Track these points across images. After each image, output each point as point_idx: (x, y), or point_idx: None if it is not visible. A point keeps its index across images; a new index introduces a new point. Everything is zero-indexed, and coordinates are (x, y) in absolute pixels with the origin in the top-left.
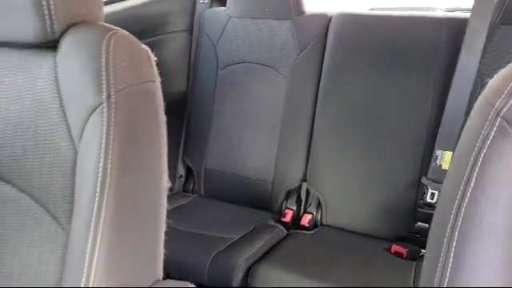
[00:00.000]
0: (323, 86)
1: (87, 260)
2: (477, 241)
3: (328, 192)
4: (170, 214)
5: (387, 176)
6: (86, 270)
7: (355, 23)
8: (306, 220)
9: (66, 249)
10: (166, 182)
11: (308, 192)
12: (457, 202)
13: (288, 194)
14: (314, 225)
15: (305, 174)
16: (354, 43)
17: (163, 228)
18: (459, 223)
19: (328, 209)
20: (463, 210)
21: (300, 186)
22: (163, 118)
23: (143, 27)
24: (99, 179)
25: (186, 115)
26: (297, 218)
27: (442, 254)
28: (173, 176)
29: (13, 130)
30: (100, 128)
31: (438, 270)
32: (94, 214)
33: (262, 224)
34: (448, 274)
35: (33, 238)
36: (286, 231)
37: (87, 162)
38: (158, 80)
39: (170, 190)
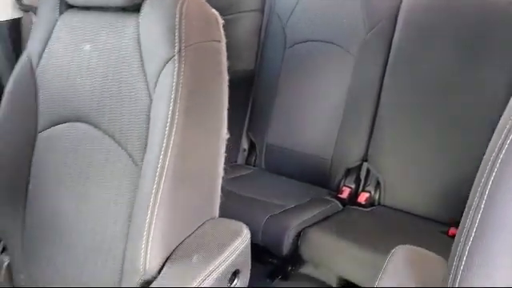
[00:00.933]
0: (391, 66)
1: (154, 190)
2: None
3: (388, 173)
4: (232, 181)
5: (451, 161)
6: (152, 197)
7: (428, 3)
8: (363, 198)
9: (139, 181)
10: (224, 133)
11: (368, 172)
12: (478, 189)
13: (347, 173)
14: (371, 204)
15: (365, 154)
16: (426, 24)
17: (221, 172)
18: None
19: (387, 189)
20: (483, 201)
21: (360, 166)
22: (226, 76)
23: (220, 5)
24: (168, 122)
25: (253, 92)
26: (354, 195)
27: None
28: (237, 149)
29: (102, 81)
30: (171, 78)
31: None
32: (162, 152)
33: (318, 197)
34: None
35: (113, 172)
36: (341, 206)
37: (159, 107)
38: (224, 41)
39: (234, 161)
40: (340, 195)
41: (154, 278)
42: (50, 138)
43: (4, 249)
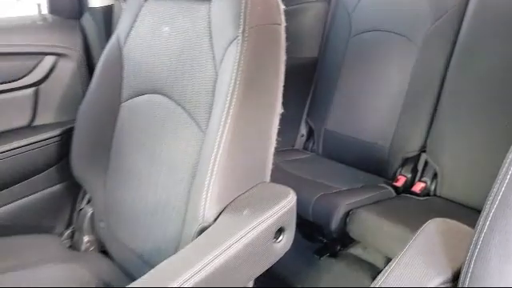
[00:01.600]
0: (456, 57)
1: (214, 153)
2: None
3: (447, 165)
4: (288, 163)
5: None
6: (212, 159)
7: None
8: (418, 187)
9: (202, 145)
10: (279, 108)
11: (426, 163)
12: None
13: (404, 162)
14: (426, 194)
15: (424, 144)
16: (497, 15)
17: (273, 142)
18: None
19: (444, 181)
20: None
21: (418, 156)
22: (284, 56)
23: None
24: (229, 95)
25: (314, 80)
26: (409, 184)
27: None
28: (295, 135)
29: (176, 59)
30: (234, 56)
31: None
32: (223, 120)
33: (372, 183)
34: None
35: (181, 138)
36: (395, 194)
37: (223, 81)
38: (284, 24)
39: (291, 146)
40: (395, 183)
41: (210, 225)
42: (130, 107)
43: (89, 201)
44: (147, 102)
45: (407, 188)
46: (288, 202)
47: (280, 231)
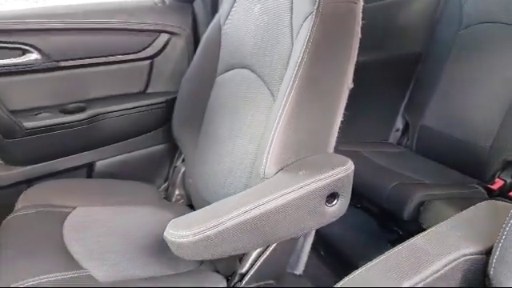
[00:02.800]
0: None
1: (278, 117)
2: None
3: None
4: (375, 154)
5: None
6: (276, 122)
7: None
8: None
9: (270, 110)
10: (349, 83)
11: None
12: None
13: (505, 165)
14: None
15: None
16: None
17: (339, 116)
18: None
19: None
20: None
21: None
22: (358, 34)
23: None
24: (296, 65)
25: (416, 74)
26: (507, 189)
27: None
28: (389, 128)
29: (262, 35)
30: (307, 30)
31: None
32: (288, 89)
33: (462, 182)
34: None
35: (258, 107)
36: (487, 196)
37: (295, 51)
38: (361, 3)
39: (384, 139)
40: (490, 185)
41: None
42: (222, 80)
43: (183, 160)
44: (235, 76)
45: (504, 192)
46: (344, 169)
47: (333, 196)
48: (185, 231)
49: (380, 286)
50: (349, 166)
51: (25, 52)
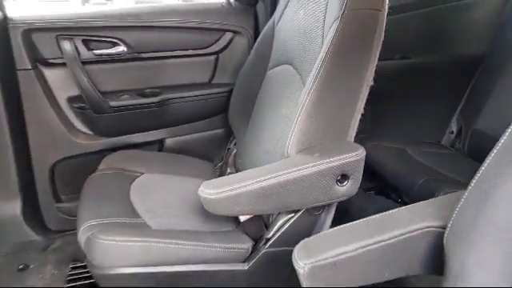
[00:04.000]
0: None
1: (302, 102)
2: None
3: None
4: (420, 152)
5: None
6: (300, 107)
7: None
8: None
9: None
10: (369, 81)
11: None
12: None
13: None
14: None
15: None
16: None
17: (359, 110)
18: None
19: None
20: None
21: None
22: (379, 37)
23: None
24: (321, 62)
25: (475, 77)
26: None
27: None
28: (443, 130)
29: (303, 35)
30: (333, 32)
31: None
32: (312, 82)
33: None
34: None
35: (294, 98)
36: None
37: (321, 52)
38: (385, 10)
39: (437, 141)
40: None
41: None
42: (271, 74)
43: (235, 143)
44: (281, 71)
45: None
46: (355, 154)
47: (345, 178)
48: (211, 190)
49: (342, 244)
50: (360, 153)
51: (114, 44)
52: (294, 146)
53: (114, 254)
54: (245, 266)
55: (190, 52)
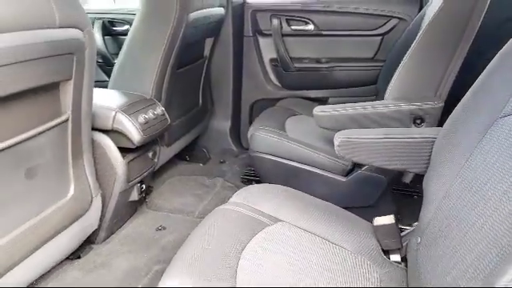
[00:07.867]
0: None
1: (401, 65)
2: None
3: None
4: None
5: None
6: (398, 70)
7: None
8: None
9: None
10: (463, 53)
11: None
12: None
13: None
14: None
15: None
16: None
17: (448, 76)
18: None
19: None
20: None
21: None
22: (476, 21)
23: None
24: (422, 34)
25: None
26: None
27: None
28: None
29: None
30: (433, 13)
31: None
32: (413, 49)
33: None
34: None
35: None
36: None
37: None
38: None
39: None
40: None
41: None
42: None
43: None
44: None
45: None
46: (432, 104)
47: (421, 120)
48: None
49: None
50: (438, 103)
51: (306, 23)
52: (391, 94)
53: None
54: (343, 178)
55: (361, 32)
